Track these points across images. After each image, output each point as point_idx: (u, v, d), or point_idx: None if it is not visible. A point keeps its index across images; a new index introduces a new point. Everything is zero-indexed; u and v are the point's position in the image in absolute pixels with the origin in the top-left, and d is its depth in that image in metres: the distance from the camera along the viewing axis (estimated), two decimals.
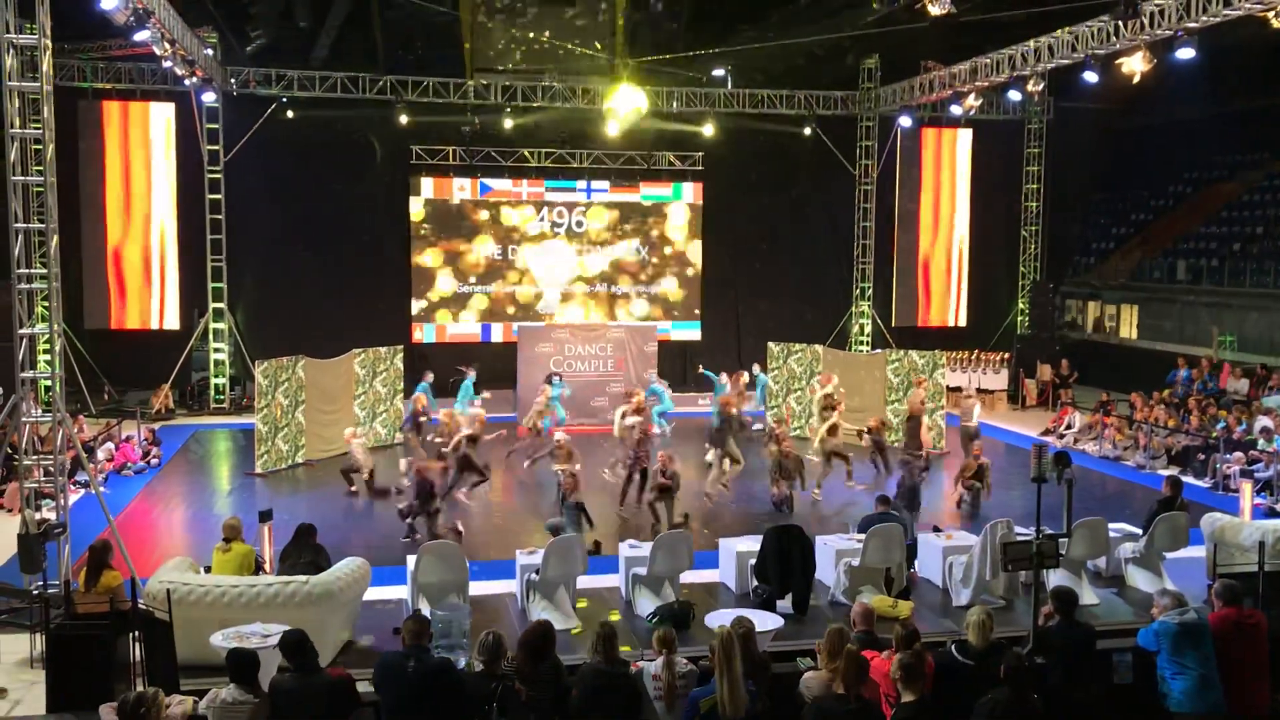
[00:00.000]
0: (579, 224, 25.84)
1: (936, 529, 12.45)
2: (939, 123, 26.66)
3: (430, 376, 19.40)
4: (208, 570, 10.16)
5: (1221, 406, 19.84)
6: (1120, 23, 16.76)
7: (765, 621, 9.18)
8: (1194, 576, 11.37)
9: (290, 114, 23.31)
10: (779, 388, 21.30)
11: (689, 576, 11.28)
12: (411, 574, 10.47)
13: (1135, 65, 17.25)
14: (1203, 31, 15.97)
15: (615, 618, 10.53)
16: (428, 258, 25.18)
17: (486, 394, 19.34)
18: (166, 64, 19.00)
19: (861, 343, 26.65)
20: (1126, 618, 10.53)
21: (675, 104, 24.74)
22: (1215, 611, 7.76)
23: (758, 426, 20.28)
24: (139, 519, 15.10)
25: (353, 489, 16.16)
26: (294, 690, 6.57)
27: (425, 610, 9.60)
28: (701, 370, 20.86)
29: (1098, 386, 24.32)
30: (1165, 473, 16.54)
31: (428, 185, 25.14)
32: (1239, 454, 17.27)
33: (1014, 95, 21.64)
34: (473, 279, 25.44)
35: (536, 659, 6.77)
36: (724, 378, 20.12)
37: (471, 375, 19.77)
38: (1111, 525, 11.98)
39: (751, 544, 11.32)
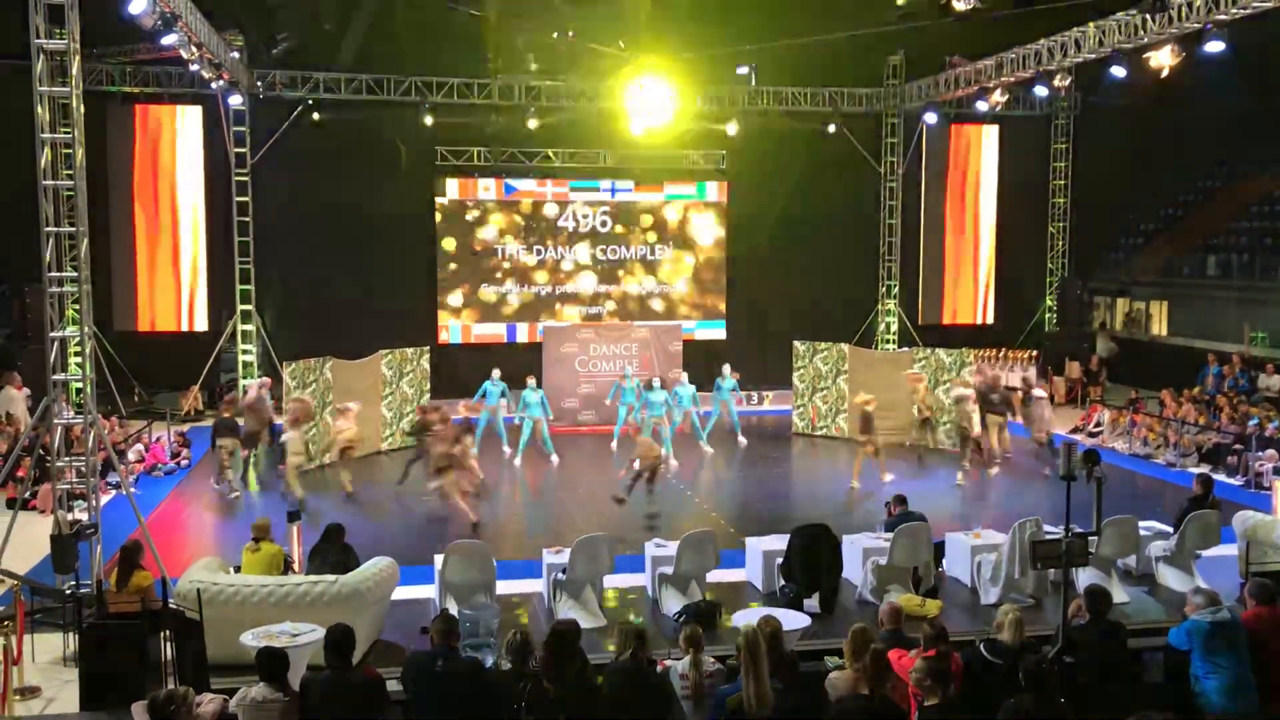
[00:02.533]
0: (603, 223, 25.85)
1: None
2: (965, 119, 26.50)
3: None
4: (237, 570, 10.24)
5: (1253, 403, 19.65)
6: (1148, 16, 16.63)
7: (792, 620, 9.17)
8: (1226, 575, 11.26)
9: (316, 116, 23.45)
10: (805, 386, 21.23)
11: (715, 575, 11.28)
12: (439, 573, 10.52)
13: (1163, 59, 17.11)
14: (1232, 24, 15.81)
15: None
16: (453, 258, 25.25)
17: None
18: (194, 67, 19.12)
19: (888, 341, 26.55)
20: (1157, 616, 10.46)
21: (699, 103, 24.70)
22: (1248, 610, 7.69)
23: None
24: (169, 519, 15.23)
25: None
26: (327, 689, 6.60)
27: (453, 609, 9.64)
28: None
29: (1127, 384, 24.14)
30: (1196, 470, 16.40)
31: (453, 186, 25.20)
32: (1271, 451, 17.10)
33: (1041, 91, 21.52)
34: (497, 279, 25.48)
35: (560, 658, 6.78)
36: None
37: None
38: (1142, 523, 11.89)
39: (778, 543, 11.31)
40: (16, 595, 9.64)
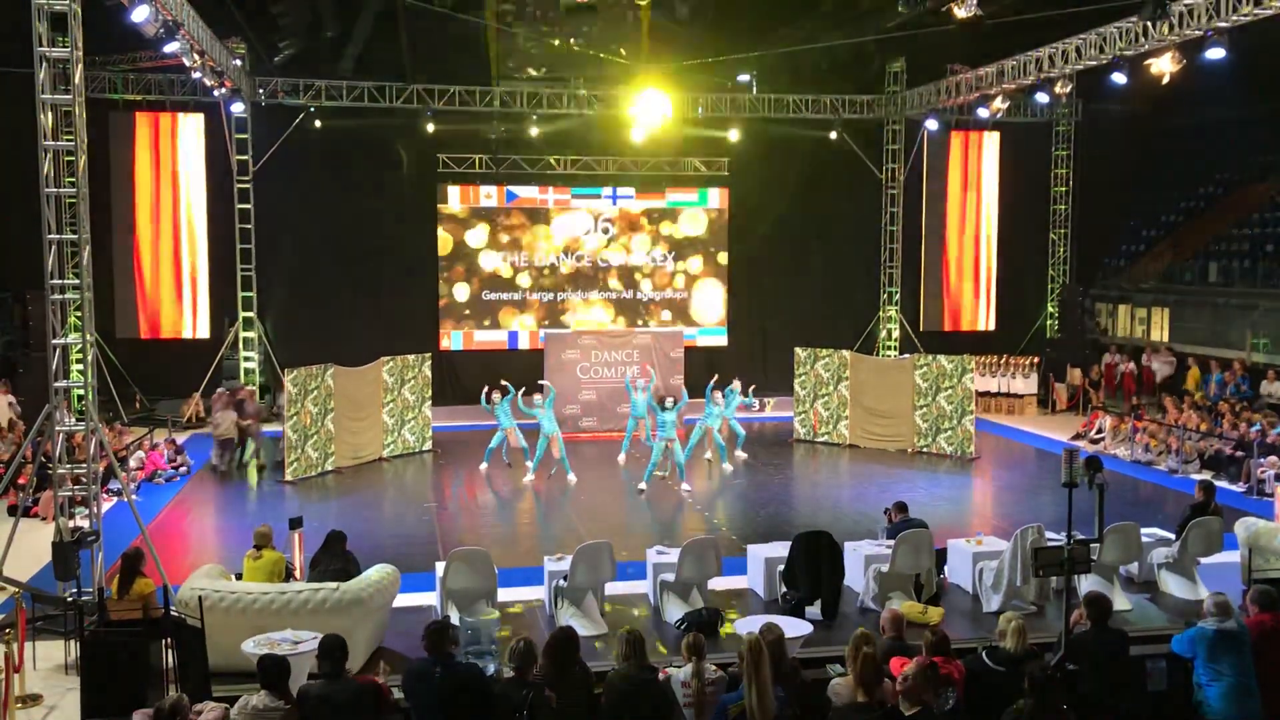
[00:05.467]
0: (605, 230, 25.86)
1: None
2: (966, 126, 26.53)
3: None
4: (239, 577, 10.23)
5: (1255, 410, 19.64)
6: (1149, 23, 16.62)
7: (794, 628, 9.15)
8: (1228, 582, 11.22)
9: (318, 124, 23.47)
10: (806, 392, 21.23)
11: (717, 583, 11.27)
12: (441, 580, 10.51)
13: (1164, 66, 17.11)
14: (1232, 31, 15.82)
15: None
16: (455, 266, 25.26)
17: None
18: (196, 75, 19.19)
19: (889, 347, 26.54)
20: (1160, 624, 10.43)
21: (700, 109, 24.73)
22: (1251, 617, 7.68)
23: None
24: (171, 527, 15.23)
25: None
26: (323, 697, 6.61)
27: (454, 617, 9.64)
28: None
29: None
30: (1197, 477, 16.37)
31: (454, 193, 25.23)
32: (1273, 458, 17.08)
33: (1041, 97, 21.49)
34: (499, 286, 25.48)
35: (560, 665, 6.77)
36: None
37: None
38: (1144, 530, 11.87)
39: (780, 550, 11.29)
40: (18, 603, 9.65)
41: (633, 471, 18.27)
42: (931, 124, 25.11)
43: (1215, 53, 16.02)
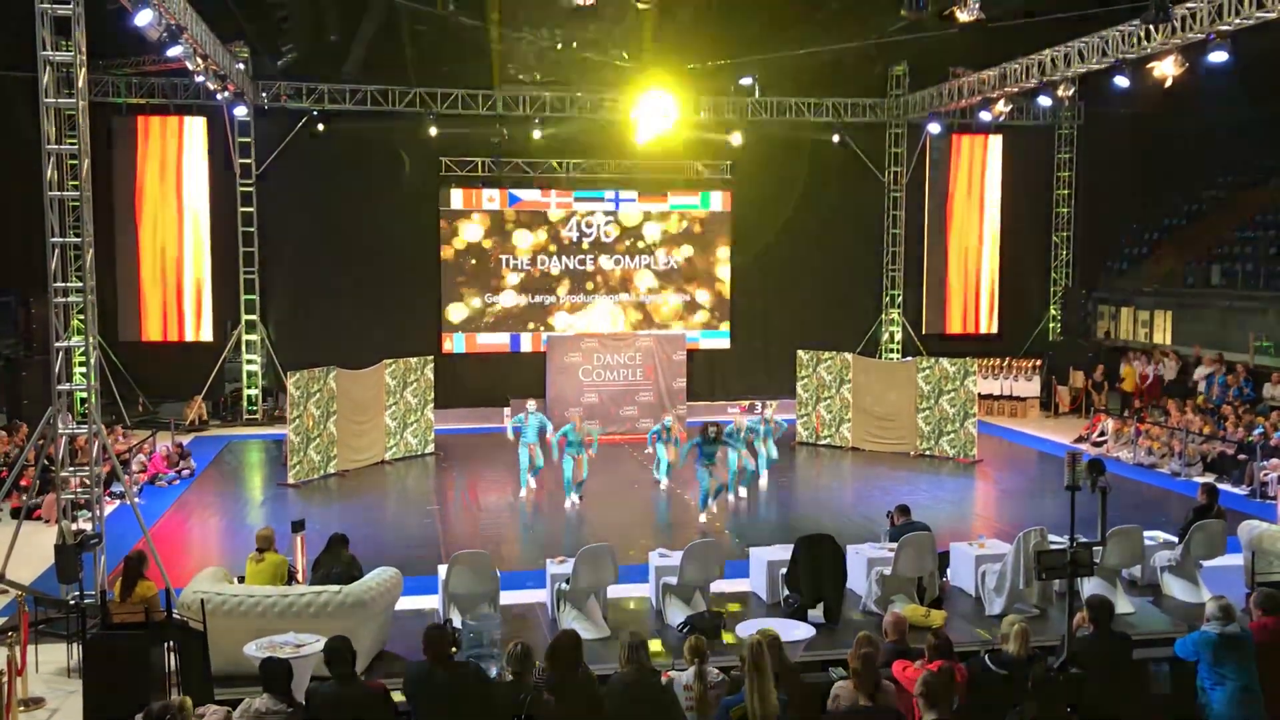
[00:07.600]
0: (607, 234, 25.85)
1: None
2: (969, 129, 26.53)
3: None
4: (241, 580, 10.23)
5: (1258, 413, 19.62)
6: (1151, 26, 16.62)
7: (797, 631, 9.14)
8: (1231, 585, 11.21)
9: (321, 127, 23.49)
10: (809, 395, 21.22)
11: (720, 586, 11.26)
12: (443, 583, 10.51)
13: (1167, 69, 17.10)
14: (1235, 34, 15.82)
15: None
16: (457, 268, 25.25)
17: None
18: (199, 79, 19.21)
19: (891, 350, 26.53)
20: (1163, 627, 10.42)
21: (703, 113, 24.73)
22: (1254, 620, 7.68)
23: None
24: (173, 530, 15.24)
25: None
26: (331, 699, 6.60)
27: (456, 620, 9.64)
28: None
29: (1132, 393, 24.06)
30: (1200, 480, 16.35)
31: (457, 196, 25.21)
32: (1276, 460, 17.06)
33: (1044, 101, 21.49)
34: (502, 289, 25.48)
35: (564, 669, 6.76)
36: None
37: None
38: (1147, 533, 11.85)
39: (782, 553, 11.29)
40: (21, 606, 9.65)
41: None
42: (934, 127, 25.11)
43: (1218, 56, 16.04)
